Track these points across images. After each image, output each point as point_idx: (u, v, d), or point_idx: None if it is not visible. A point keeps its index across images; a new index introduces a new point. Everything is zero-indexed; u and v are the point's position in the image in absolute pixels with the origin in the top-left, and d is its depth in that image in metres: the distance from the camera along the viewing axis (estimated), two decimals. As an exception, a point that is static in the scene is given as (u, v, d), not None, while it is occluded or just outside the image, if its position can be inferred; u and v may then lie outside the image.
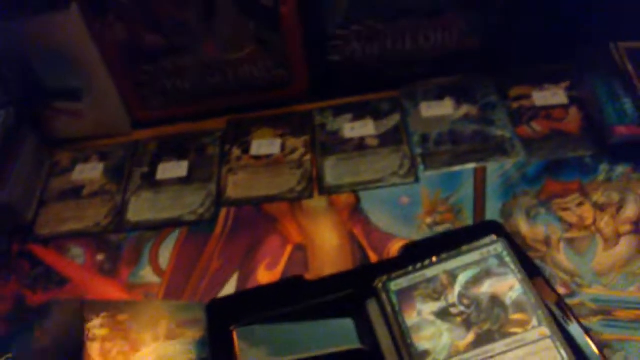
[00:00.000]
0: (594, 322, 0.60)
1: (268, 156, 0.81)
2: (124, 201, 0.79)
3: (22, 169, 0.78)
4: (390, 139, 0.80)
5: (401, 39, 0.83)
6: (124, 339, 0.60)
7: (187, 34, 0.80)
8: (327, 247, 0.71)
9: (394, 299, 0.57)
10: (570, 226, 0.68)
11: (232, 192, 0.78)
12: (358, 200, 0.75)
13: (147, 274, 0.71)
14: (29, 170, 0.79)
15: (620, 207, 0.69)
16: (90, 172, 0.83)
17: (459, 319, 0.55)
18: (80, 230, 0.76)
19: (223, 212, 0.76)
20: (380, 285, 0.58)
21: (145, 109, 0.88)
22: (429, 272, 0.58)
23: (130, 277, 0.71)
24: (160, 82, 0.85)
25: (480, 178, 0.75)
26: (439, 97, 0.85)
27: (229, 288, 0.68)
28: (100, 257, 0.74)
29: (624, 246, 0.66)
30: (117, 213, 0.78)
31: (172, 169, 0.81)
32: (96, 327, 0.60)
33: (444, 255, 0.59)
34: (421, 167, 0.77)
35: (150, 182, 0.81)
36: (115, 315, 0.62)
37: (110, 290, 0.70)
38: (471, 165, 0.76)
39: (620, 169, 0.72)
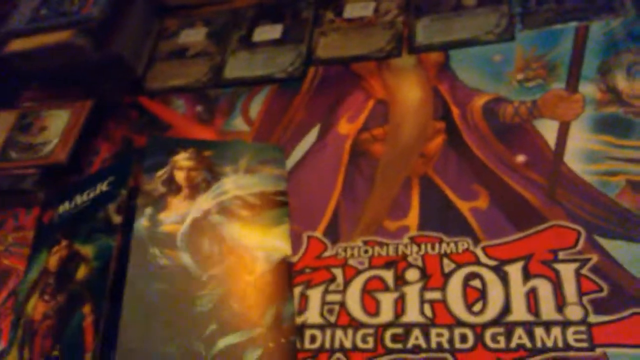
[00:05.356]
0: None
1: (361, 18, 0.81)
2: (223, 60, 0.83)
3: (134, 27, 0.84)
4: (488, -1, 0.77)
5: None
6: (207, 169, 0.65)
7: None
8: (408, 101, 0.71)
9: None
10: (676, 82, 0.62)
11: (321, 52, 0.79)
12: (447, 58, 0.73)
13: (239, 123, 0.76)
14: (140, 31, 0.86)
15: None
16: (194, 36, 0.88)
17: None
18: (183, 85, 0.82)
19: (311, 70, 0.78)
20: None
21: (247, -24, 0.90)
22: None
23: (224, 126, 0.76)
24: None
25: (581, 35, 0.69)
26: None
27: (310, 138, 0.71)
28: (199, 108, 0.79)
29: None
30: (215, 71, 0.82)
31: (267, 32, 0.84)
32: (183, 159, 0.66)
33: None
34: (518, 27, 0.73)
35: (247, 43, 0.84)
36: (201, 151, 0.67)
37: (205, 136, 0.76)
38: (573, 24, 0.70)
39: None
